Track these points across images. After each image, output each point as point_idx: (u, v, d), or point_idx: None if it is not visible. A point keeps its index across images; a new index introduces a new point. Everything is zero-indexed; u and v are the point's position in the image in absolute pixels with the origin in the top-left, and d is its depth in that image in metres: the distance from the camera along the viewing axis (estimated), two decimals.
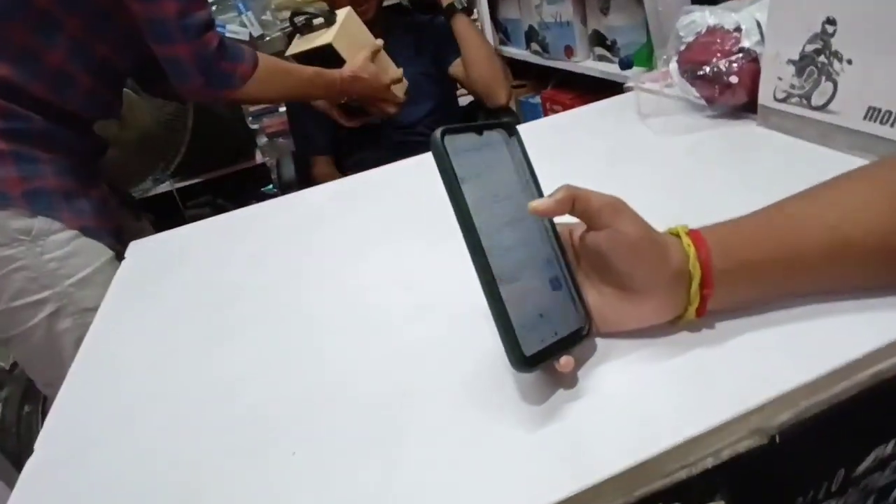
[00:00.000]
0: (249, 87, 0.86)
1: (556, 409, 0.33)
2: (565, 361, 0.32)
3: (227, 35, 1.56)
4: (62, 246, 0.75)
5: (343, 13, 1.05)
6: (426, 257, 0.54)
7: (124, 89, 0.95)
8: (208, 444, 0.38)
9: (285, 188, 1.23)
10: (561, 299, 0.34)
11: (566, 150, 0.73)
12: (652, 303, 0.33)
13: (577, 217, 0.34)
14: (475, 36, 1.26)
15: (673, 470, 0.30)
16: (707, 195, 0.55)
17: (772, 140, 0.62)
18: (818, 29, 0.54)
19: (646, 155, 0.66)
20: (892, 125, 0.49)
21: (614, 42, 1.35)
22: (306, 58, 1.03)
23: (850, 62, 0.52)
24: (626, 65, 1.25)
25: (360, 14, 1.10)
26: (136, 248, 0.72)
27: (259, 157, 1.77)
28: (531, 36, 1.69)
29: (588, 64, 1.46)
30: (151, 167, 1.36)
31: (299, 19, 1.06)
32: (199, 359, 0.47)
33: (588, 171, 0.66)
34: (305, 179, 1.30)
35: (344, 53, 1.01)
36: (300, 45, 1.05)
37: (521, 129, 0.89)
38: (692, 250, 0.32)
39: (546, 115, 1.83)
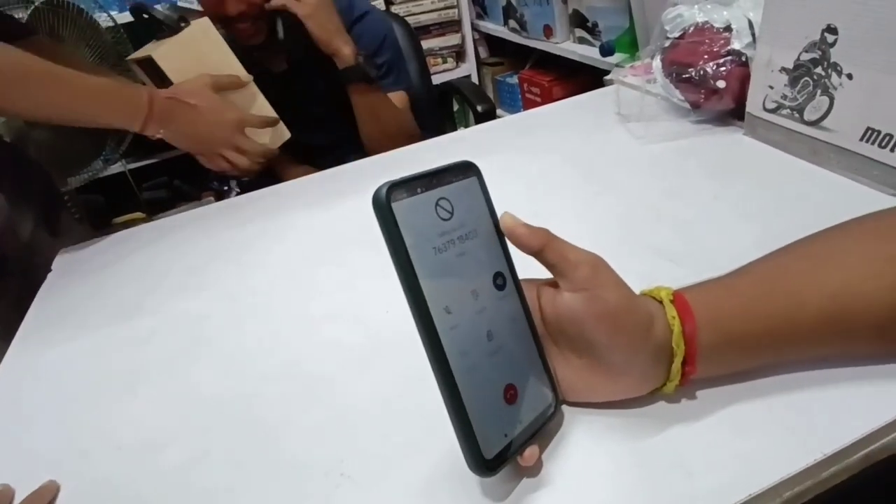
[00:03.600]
0: None
1: None
2: (529, 454, 0.27)
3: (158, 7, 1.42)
4: None
5: (199, 24, 0.77)
6: (381, 284, 0.49)
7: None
8: None
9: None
10: (528, 375, 0.29)
11: (540, 152, 0.67)
12: (627, 378, 0.29)
13: (548, 267, 0.29)
14: (374, 111, 0.93)
15: None
16: (688, 217, 0.50)
17: (758, 153, 0.57)
18: (817, 37, 0.49)
19: (624, 164, 0.61)
20: (892, 149, 0.45)
21: (595, 24, 1.28)
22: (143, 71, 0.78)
23: (850, 77, 0.47)
24: (607, 51, 1.19)
25: (245, 37, 0.85)
26: (63, 261, 0.64)
27: None
28: (509, 12, 1.61)
29: (568, 46, 1.40)
30: (97, 148, 1.26)
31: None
32: (112, 408, 0.42)
33: (562, 180, 0.61)
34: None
35: (173, 75, 0.74)
36: (138, 53, 0.79)
37: (497, 123, 0.84)
38: (677, 324, 0.28)
39: (523, 96, 1.76)
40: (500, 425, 0.27)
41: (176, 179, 1.69)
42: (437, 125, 1.33)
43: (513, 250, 0.30)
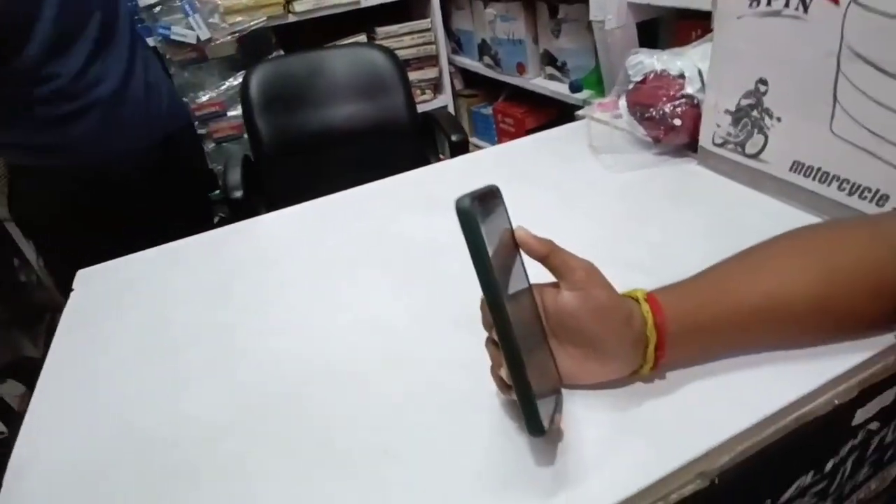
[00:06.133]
0: None
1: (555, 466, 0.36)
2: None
3: (173, 38, 1.49)
4: None
5: None
6: (396, 298, 0.56)
7: None
8: None
9: (232, 200, 1.19)
10: (547, 359, 0.37)
11: (523, 180, 0.75)
12: (613, 362, 0.37)
13: (551, 270, 0.36)
14: None
15: None
16: (652, 236, 0.59)
17: (710, 180, 0.67)
18: (752, 87, 0.59)
19: (598, 191, 0.70)
20: (813, 178, 0.55)
21: (564, 63, 1.40)
22: None
23: (779, 119, 0.57)
24: (576, 88, 1.30)
25: None
26: (83, 278, 0.69)
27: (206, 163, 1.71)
28: (483, 49, 1.72)
29: (539, 82, 1.51)
30: None
31: None
32: (150, 411, 0.46)
33: (545, 204, 0.69)
34: (252, 187, 1.28)
35: None
36: None
37: (482, 154, 0.92)
38: (650, 316, 0.35)
39: (497, 126, 1.87)
40: (546, 400, 0.34)
41: None
42: (421, 151, 1.42)
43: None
